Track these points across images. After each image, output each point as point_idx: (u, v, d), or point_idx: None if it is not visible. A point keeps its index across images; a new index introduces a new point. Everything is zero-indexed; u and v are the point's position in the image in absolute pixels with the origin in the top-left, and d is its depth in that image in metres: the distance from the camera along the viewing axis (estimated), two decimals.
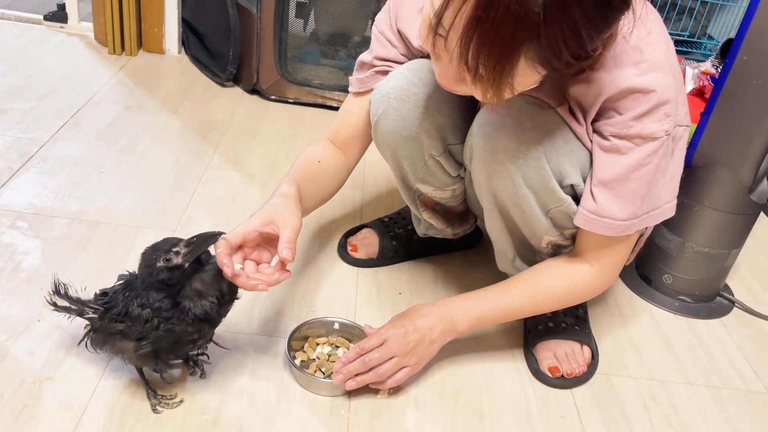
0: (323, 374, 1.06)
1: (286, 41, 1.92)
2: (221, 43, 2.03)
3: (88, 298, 0.98)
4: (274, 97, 2.00)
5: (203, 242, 0.91)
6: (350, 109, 1.17)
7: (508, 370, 1.15)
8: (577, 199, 1.01)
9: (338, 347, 1.12)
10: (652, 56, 0.90)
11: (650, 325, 1.31)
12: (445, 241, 1.35)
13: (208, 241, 0.91)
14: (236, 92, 2.04)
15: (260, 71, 1.97)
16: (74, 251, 1.27)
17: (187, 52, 2.22)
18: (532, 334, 1.19)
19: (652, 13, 0.91)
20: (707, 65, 2.07)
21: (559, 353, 1.15)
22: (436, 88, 1.05)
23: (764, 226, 1.70)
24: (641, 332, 1.29)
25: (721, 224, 1.28)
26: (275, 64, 1.94)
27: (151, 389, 0.99)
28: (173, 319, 0.91)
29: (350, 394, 1.05)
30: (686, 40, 2.67)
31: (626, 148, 0.93)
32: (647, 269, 1.40)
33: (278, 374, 1.07)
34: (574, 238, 1.06)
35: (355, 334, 1.13)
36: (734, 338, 1.31)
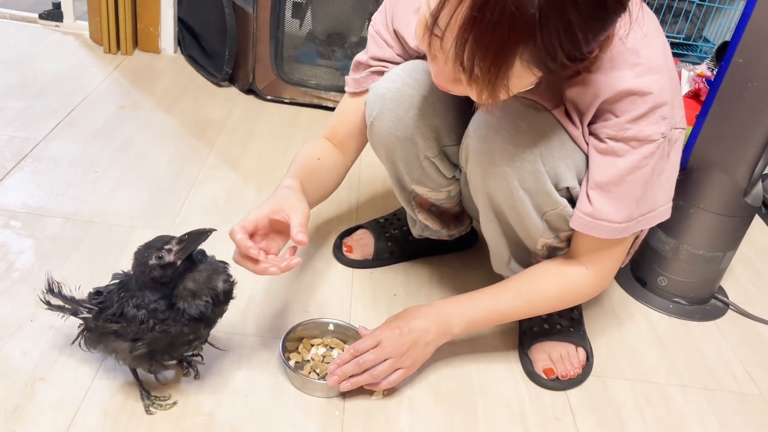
0: (318, 375, 1.06)
1: (282, 41, 1.91)
2: (217, 42, 2.02)
3: (82, 297, 0.98)
4: (269, 97, 1.99)
5: (195, 239, 0.90)
6: (346, 108, 1.17)
7: (502, 371, 1.15)
8: (572, 201, 1.00)
9: (333, 348, 1.12)
10: (648, 58, 0.90)
11: (645, 327, 1.31)
12: (440, 242, 1.35)
13: (199, 238, 0.90)
14: (232, 92, 2.03)
15: (256, 71, 1.97)
16: (68, 251, 1.26)
17: (182, 51, 2.21)
18: (526, 335, 1.19)
19: (648, 15, 0.91)
20: (703, 68, 2.07)
21: (553, 355, 1.15)
22: (431, 89, 1.05)
23: (759, 228, 1.70)
24: (636, 334, 1.29)
25: (716, 227, 1.29)
26: (271, 64, 1.93)
27: (144, 390, 0.99)
28: (169, 320, 0.91)
29: (345, 395, 1.04)
30: (682, 42, 2.68)
31: (622, 150, 0.93)
32: (642, 271, 1.40)
33: (273, 375, 1.07)
34: (569, 240, 1.06)
35: (349, 335, 1.13)
36: (728, 340, 1.31)
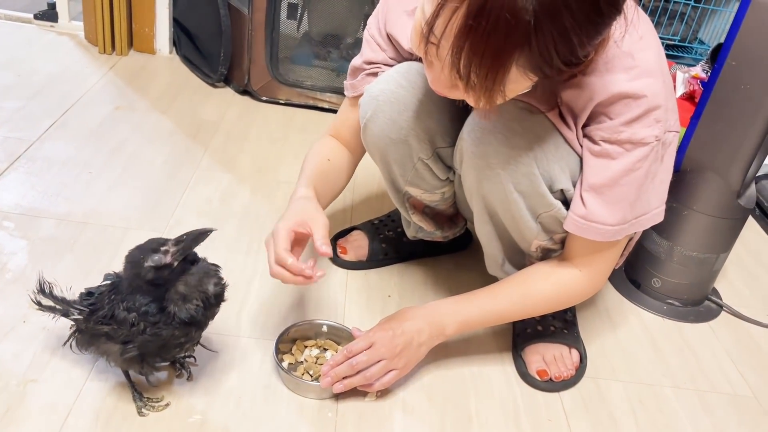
0: (311, 377, 1.06)
1: (277, 42, 1.91)
2: (212, 43, 2.02)
3: (73, 298, 0.98)
4: (265, 98, 1.99)
5: (193, 240, 0.90)
6: (347, 110, 1.20)
7: (496, 373, 1.15)
8: (566, 203, 1.01)
9: (326, 350, 1.12)
10: (643, 62, 0.90)
11: (639, 328, 1.31)
12: (434, 243, 1.35)
13: (198, 238, 0.90)
14: (227, 93, 2.03)
15: (251, 72, 1.96)
16: (61, 252, 1.26)
17: (178, 52, 2.21)
18: (520, 337, 1.19)
19: (643, 18, 0.91)
20: (698, 70, 2.07)
21: (547, 357, 1.15)
22: (425, 91, 1.05)
23: (752, 230, 1.70)
24: (630, 336, 1.29)
25: (709, 228, 1.29)
26: (266, 65, 1.93)
27: (137, 392, 0.98)
28: (160, 323, 0.90)
29: (338, 397, 1.04)
30: (677, 44, 2.68)
31: (616, 153, 0.93)
32: (636, 273, 1.40)
33: (266, 377, 1.06)
34: (563, 242, 1.06)
35: (343, 336, 1.13)
36: (722, 342, 1.31)
